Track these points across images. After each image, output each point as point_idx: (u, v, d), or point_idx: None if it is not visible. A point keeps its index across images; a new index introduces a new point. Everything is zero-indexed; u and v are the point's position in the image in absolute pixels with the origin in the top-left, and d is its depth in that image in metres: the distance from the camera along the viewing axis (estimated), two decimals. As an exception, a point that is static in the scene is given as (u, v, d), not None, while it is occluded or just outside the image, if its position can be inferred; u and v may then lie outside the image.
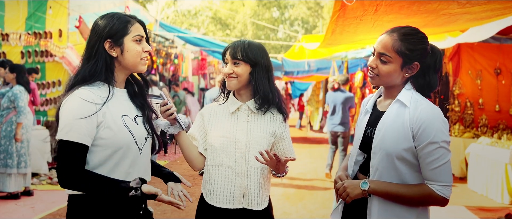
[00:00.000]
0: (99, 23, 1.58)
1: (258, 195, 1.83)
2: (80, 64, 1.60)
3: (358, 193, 1.59)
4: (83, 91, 1.49)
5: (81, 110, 1.46)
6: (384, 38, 1.60)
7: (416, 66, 1.59)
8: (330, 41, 4.56)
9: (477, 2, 2.75)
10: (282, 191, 5.57)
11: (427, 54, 1.60)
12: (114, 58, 1.58)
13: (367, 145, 1.67)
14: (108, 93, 1.56)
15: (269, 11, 29.80)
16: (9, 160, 4.85)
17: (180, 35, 10.70)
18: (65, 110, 1.47)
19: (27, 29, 7.14)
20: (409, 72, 1.60)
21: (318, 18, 27.95)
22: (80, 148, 1.45)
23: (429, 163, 1.50)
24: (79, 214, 1.55)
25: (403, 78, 1.62)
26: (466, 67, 7.12)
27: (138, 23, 1.62)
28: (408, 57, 1.56)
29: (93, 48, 1.56)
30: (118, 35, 1.56)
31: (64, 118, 1.46)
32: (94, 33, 1.57)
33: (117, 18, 1.58)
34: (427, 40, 1.61)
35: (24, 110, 4.84)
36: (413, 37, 1.58)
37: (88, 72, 1.54)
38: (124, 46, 1.57)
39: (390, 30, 1.61)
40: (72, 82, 1.56)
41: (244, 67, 1.84)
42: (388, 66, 1.58)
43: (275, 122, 1.91)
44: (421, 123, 1.50)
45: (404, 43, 1.56)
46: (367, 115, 1.76)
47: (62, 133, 1.46)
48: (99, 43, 1.55)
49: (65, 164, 1.45)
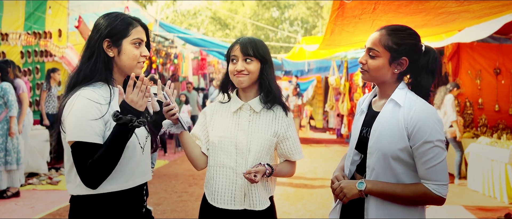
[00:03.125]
0: (102, 22, 1.58)
1: (259, 196, 1.82)
2: (80, 62, 1.59)
3: (354, 193, 1.60)
4: (87, 92, 1.49)
5: (89, 110, 1.45)
6: (374, 35, 1.63)
7: (405, 62, 1.59)
8: (330, 42, 4.56)
9: (475, 1, 2.75)
10: (282, 191, 5.57)
11: (417, 51, 1.60)
12: (111, 58, 1.58)
13: (363, 145, 1.67)
14: (110, 94, 1.56)
15: (268, 11, 29.80)
16: (8, 157, 4.87)
17: (180, 35, 10.70)
18: (72, 112, 1.46)
19: (26, 29, 7.15)
20: (398, 68, 1.60)
21: (317, 18, 27.95)
22: (94, 147, 1.44)
23: (424, 162, 1.50)
24: (81, 214, 1.54)
25: (394, 75, 1.62)
26: (466, 67, 7.12)
27: (140, 27, 1.62)
28: (396, 52, 1.57)
29: (94, 47, 1.56)
30: (117, 36, 1.56)
31: (73, 120, 1.44)
32: (96, 31, 1.57)
33: (120, 19, 1.58)
34: (417, 37, 1.61)
35: (14, 103, 4.85)
36: (402, 32, 1.60)
37: (89, 70, 1.54)
38: (121, 47, 1.57)
39: (379, 28, 1.64)
40: (74, 81, 1.55)
41: (256, 64, 1.82)
42: (376, 61, 1.60)
43: (277, 121, 1.88)
44: (415, 122, 1.50)
45: (392, 37, 1.58)
46: (363, 115, 1.76)
47: (73, 135, 1.43)
48: (99, 41, 1.55)
49: (84, 165, 1.43)
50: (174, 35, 10.47)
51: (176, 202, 4.96)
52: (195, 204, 4.82)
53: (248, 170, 1.72)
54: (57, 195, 5.12)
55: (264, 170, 1.77)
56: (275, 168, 1.84)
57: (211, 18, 29.67)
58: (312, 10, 28.49)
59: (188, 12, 29.82)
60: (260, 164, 1.79)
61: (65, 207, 4.62)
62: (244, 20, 27.13)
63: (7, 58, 6.61)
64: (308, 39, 9.88)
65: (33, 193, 5.22)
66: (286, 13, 30.09)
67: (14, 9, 7.14)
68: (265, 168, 1.78)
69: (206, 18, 29.87)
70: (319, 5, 27.98)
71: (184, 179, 6.27)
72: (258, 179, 1.71)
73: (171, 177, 6.38)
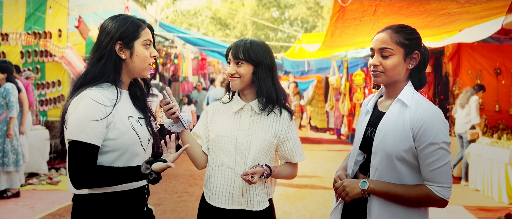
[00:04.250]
0: (111, 24, 1.58)
1: (257, 196, 1.82)
2: (89, 64, 1.60)
3: (357, 193, 1.59)
4: (93, 92, 1.50)
5: (92, 111, 1.46)
6: (380, 36, 1.62)
7: (417, 56, 1.61)
8: (330, 43, 4.57)
9: (476, 2, 2.75)
10: (282, 191, 5.57)
11: (423, 45, 1.63)
12: (122, 60, 1.58)
13: (367, 145, 1.67)
14: (116, 95, 1.56)
15: (269, 11, 29.77)
16: (5, 158, 4.87)
17: (180, 35, 10.70)
18: (75, 111, 1.47)
19: (26, 29, 7.14)
20: (412, 63, 1.61)
21: (318, 18, 27.93)
22: (91, 148, 1.46)
23: (429, 164, 1.50)
24: (84, 214, 1.54)
25: (407, 72, 1.63)
26: (466, 67, 7.12)
27: (147, 28, 1.64)
28: (409, 47, 1.59)
29: (105, 49, 1.56)
30: (129, 38, 1.57)
31: (75, 119, 1.45)
32: (106, 34, 1.57)
33: (130, 22, 1.59)
34: (418, 33, 1.64)
35: (16, 104, 4.85)
36: (406, 29, 1.62)
37: (98, 72, 1.54)
38: (134, 49, 1.58)
39: (381, 30, 1.65)
40: (81, 82, 1.56)
41: (246, 67, 1.82)
42: (392, 59, 1.59)
43: (279, 122, 1.87)
44: (421, 123, 1.50)
45: (401, 34, 1.59)
46: (368, 115, 1.75)
47: (72, 133, 1.45)
48: (111, 44, 1.56)
49: (76, 164, 1.45)
50: (174, 35, 10.46)
51: (176, 202, 4.96)
52: (195, 204, 4.82)
53: (245, 172, 1.72)
54: (57, 195, 5.12)
55: (261, 171, 1.77)
56: (274, 169, 1.84)
57: (211, 18, 29.65)
58: (312, 10, 28.46)
59: (188, 12, 29.79)
60: (258, 165, 1.79)
61: (65, 207, 4.62)
62: (244, 20, 27.11)
63: (7, 58, 6.62)
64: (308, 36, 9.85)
65: (33, 193, 5.22)
66: (286, 13, 30.05)
67: (14, 9, 7.13)
68: (263, 169, 1.78)
69: (206, 18, 29.85)
70: (319, 5, 27.95)
71: (184, 179, 6.27)
72: (255, 180, 1.71)
73: (171, 177, 6.37)
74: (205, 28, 29.72)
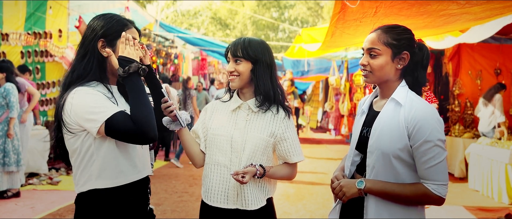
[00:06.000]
0: (97, 22, 1.59)
1: (251, 195, 1.79)
2: (75, 60, 1.60)
3: (354, 192, 1.60)
4: (85, 88, 1.51)
5: (95, 96, 1.48)
6: (370, 36, 1.65)
7: (406, 56, 1.61)
8: (330, 44, 4.57)
9: (476, 2, 2.75)
10: (282, 191, 5.57)
11: (415, 45, 1.63)
12: (105, 58, 1.59)
13: (363, 145, 1.67)
14: (108, 91, 1.57)
15: (269, 11, 29.76)
16: (6, 158, 4.87)
17: (180, 35, 10.70)
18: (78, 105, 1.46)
19: (27, 29, 7.14)
20: (401, 63, 1.62)
21: (317, 18, 27.93)
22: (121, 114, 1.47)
23: (424, 162, 1.50)
24: (87, 213, 1.55)
25: (397, 72, 1.63)
26: (466, 67, 7.12)
27: (134, 29, 1.64)
28: (396, 47, 1.59)
29: (88, 46, 1.57)
30: (112, 36, 1.57)
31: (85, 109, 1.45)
32: (91, 31, 1.58)
33: (115, 20, 1.59)
34: (411, 32, 1.64)
35: (16, 105, 4.84)
36: (396, 29, 1.63)
37: (83, 69, 1.55)
38: (116, 48, 1.58)
39: (373, 29, 1.67)
40: (69, 81, 1.56)
41: (245, 64, 1.81)
42: (379, 59, 1.61)
43: (275, 121, 1.85)
44: (416, 122, 1.50)
45: (389, 34, 1.60)
46: (363, 115, 1.76)
47: (99, 116, 1.44)
48: (93, 41, 1.56)
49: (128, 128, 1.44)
50: (174, 35, 10.47)
51: (176, 202, 4.96)
52: (196, 204, 4.82)
53: (236, 171, 1.70)
54: (57, 195, 5.12)
55: (254, 171, 1.75)
56: (268, 169, 1.81)
57: (211, 18, 29.65)
58: (312, 10, 28.46)
59: (188, 12, 29.79)
60: (251, 164, 1.77)
61: (65, 207, 4.63)
62: (244, 20, 27.11)
63: (7, 58, 6.61)
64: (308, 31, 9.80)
65: (33, 193, 5.22)
66: (286, 13, 30.04)
67: (15, 9, 7.13)
68: (256, 169, 1.76)
69: (207, 19, 29.85)
70: (319, 5, 27.95)
71: (184, 179, 6.27)
72: (246, 180, 1.69)
73: (171, 177, 6.38)
74: (205, 28, 29.72)
